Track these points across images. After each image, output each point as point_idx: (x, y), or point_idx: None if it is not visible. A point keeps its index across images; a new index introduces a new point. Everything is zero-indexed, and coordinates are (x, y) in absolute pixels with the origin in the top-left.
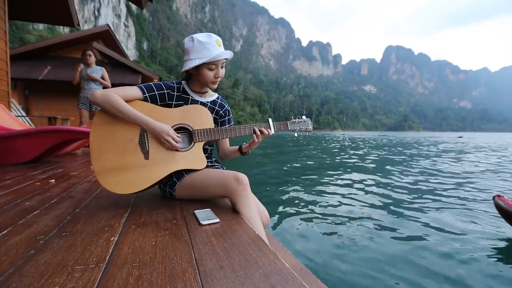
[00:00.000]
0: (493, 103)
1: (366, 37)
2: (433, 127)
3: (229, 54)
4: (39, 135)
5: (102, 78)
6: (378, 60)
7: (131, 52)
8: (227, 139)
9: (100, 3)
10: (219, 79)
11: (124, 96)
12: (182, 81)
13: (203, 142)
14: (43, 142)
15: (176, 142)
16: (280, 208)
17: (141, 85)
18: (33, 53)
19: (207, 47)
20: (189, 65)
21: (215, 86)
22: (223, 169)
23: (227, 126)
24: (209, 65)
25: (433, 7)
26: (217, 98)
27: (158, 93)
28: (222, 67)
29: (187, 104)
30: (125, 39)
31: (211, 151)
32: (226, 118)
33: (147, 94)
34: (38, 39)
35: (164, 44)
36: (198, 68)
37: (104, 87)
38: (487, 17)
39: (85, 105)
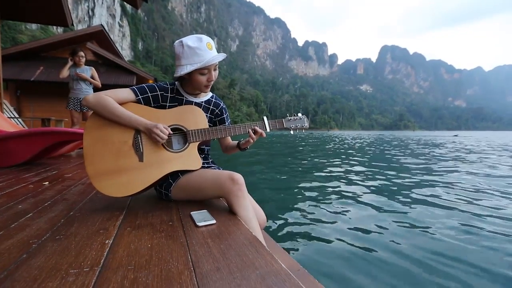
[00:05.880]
0: (487, 102)
1: (362, 36)
2: (428, 126)
3: (221, 57)
4: (32, 137)
5: (92, 77)
6: (373, 59)
7: (126, 53)
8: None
9: (94, 3)
10: (212, 82)
11: (117, 99)
12: (176, 82)
13: (197, 143)
14: (36, 144)
15: (164, 133)
16: (277, 208)
17: (133, 87)
18: (25, 54)
19: (197, 52)
20: (181, 72)
21: (208, 89)
22: (219, 169)
23: (225, 125)
24: (201, 70)
25: (427, 7)
26: (211, 97)
27: (151, 95)
28: (215, 70)
29: (181, 105)
30: (119, 39)
31: (208, 151)
32: (224, 116)
33: (140, 96)
34: (30, 39)
35: (160, 44)
36: (190, 73)
37: (94, 86)
38: (480, 16)
39: (76, 106)
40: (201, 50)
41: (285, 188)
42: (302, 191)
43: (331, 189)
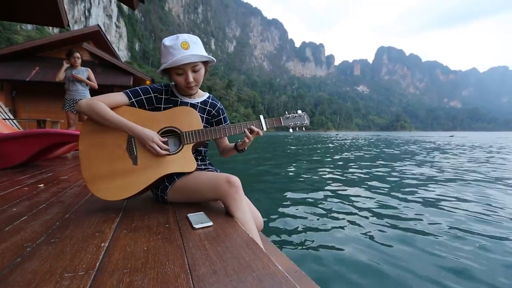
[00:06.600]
0: (482, 103)
1: (358, 37)
2: (424, 127)
3: (192, 59)
4: (28, 139)
5: (88, 78)
6: (370, 60)
7: (122, 53)
8: (225, 137)
9: (90, 3)
10: (192, 83)
11: (109, 103)
12: (170, 84)
13: (192, 144)
14: (32, 145)
15: (162, 148)
16: (275, 210)
17: (127, 90)
18: (21, 54)
19: (170, 51)
20: (158, 70)
21: (192, 91)
22: (217, 171)
23: (222, 125)
24: (176, 69)
25: (422, 8)
26: (208, 97)
27: (145, 98)
28: (194, 71)
29: (176, 107)
30: (116, 40)
31: (205, 152)
32: (221, 117)
33: (133, 100)
34: (26, 40)
35: (157, 45)
36: (169, 73)
37: (91, 88)
38: (474, 18)
39: (72, 107)
40: (174, 49)
41: (283, 189)
42: (300, 193)
43: (328, 191)
